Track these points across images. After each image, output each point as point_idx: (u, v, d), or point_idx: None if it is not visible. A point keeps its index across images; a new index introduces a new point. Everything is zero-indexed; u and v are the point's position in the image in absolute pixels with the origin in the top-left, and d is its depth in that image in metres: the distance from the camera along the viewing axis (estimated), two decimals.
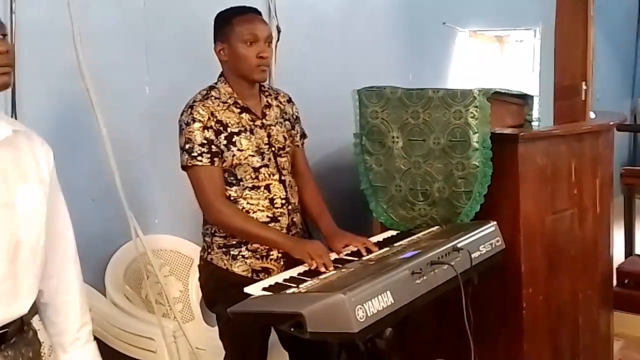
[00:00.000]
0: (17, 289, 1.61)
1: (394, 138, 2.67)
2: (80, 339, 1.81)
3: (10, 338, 1.63)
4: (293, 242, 2.30)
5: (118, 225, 2.87)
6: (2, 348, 1.61)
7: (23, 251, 1.61)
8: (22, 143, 1.66)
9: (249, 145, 2.30)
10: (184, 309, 3.11)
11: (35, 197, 1.65)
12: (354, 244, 2.37)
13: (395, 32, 4.42)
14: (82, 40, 2.69)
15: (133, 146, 3.01)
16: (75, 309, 1.80)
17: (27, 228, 1.62)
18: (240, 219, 2.29)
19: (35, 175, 1.67)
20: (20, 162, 1.64)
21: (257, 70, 2.29)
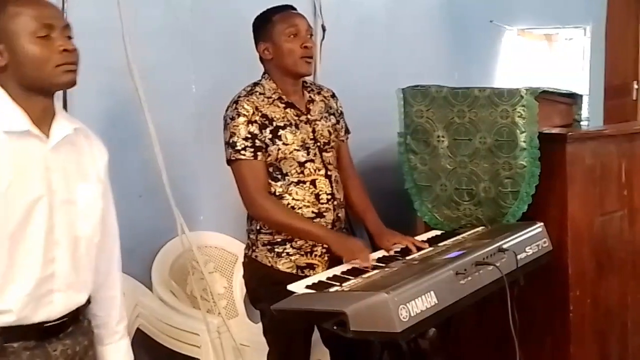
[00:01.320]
0: (76, 281, 1.69)
1: (439, 137, 2.65)
2: (118, 333, 1.87)
3: (67, 327, 1.69)
4: (335, 236, 2.30)
5: (164, 221, 2.91)
6: (61, 337, 1.68)
7: (81, 246, 1.69)
8: (82, 141, 1.72)
9: (294, 139, 2.31)
10: (228, 305, 3.14)
11: (93, 195, 1.71)
12: (403, 242, 2.36)
13: (441, 31, 4.38)
14: (130, 39, 2.74)
15: (179, 143, 3.05)
16: (117, 304, 1.87)
17: (85, 225, 1.69)
18: (281, 213, 2.30)
19: (93, 173, 1.73)
20: (80, 161, 1.70)
21: (302, 62, 2.31)
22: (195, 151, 3.12)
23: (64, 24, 1.60)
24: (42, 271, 1.61)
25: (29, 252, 1.58)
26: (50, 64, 1.56)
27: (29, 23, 1.55)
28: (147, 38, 2.85)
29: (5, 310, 1.58)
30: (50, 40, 1.56)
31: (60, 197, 1.63)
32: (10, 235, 1.55)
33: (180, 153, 3.05)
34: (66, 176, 1.64)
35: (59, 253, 1.63)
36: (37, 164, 1.59)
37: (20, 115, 1.57)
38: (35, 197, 1.57)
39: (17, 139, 1.56)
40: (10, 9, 1.55)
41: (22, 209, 1.56)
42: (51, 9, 1.61)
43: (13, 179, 1.54)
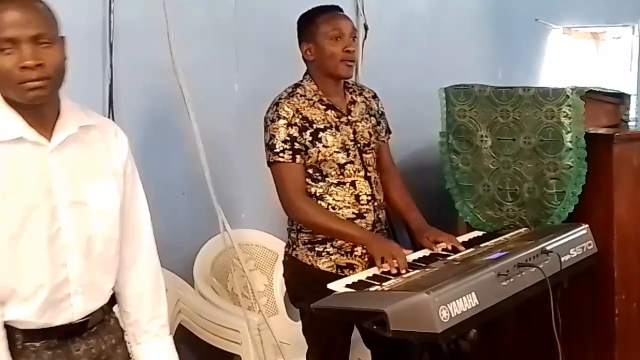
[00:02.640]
0: (94, 282, 1.65)
1: (482, 137, 2.62)
2: (150, 331, 1.79)
3: (91, 327, 1.67)
4: (372, 238, 2.30)
5: (207, 219, 2.94)
6: (85, 336, 1.66)
7: (97, 246, 1.63)
8: (93, 138, 1.65)
9: (335, 141, 2.31)
10: (268, 303, 3.16)
11: (107, 193, 1.65)
12: (441, 239, 2.35)
13: (485, 29, 4.33)
14: (175, 39, 2.77)
15: (222, 142, 3.08)
16: (146, 301, 1.78)
17: (100, 223, 1.63)
18: (319, 214, 2.30)
19: (108, 170, 1.66)
20: (91, 159, 1.63)
21: (344, 65, 2.31)
22: (238, 149, 3.14)
23: (33, 33, 1.46)
24: (53, 277, 1.57)
25: (32, 259, 1.55)
26: (12, 81, 1.46)
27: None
28: (191, 38, 2.88)
29: (23, 319, 1.57)
30: (14, 55, 1.45)
31: (66, 200, 1.57)
32: (9, 244, 1.51)
33: (223, 151, 3.08)
34: (74, 177, 1.59)
35: (70, 257, 1.59)
36: (37, 169, 1.54)
37: (13, 121, 1.51)
38: (31, 204, 1.53)
39: (12, 146, 1.51)
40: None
41: (18, 216, 1.51)
42: (21, 16, 1.46)
43: (8, 186, 1.50)
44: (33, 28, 1.47)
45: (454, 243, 2.33)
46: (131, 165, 1.73)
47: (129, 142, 1.74)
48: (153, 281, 1.80)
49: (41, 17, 1.49)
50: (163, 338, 1.82)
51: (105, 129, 1.69)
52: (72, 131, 1.58)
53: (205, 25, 3.02)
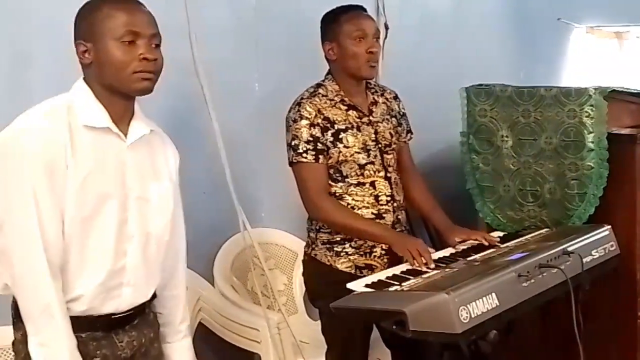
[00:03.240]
0: (145, 276, 1.74)
1: (503, 137, 2.61)
2: (181, 332, 1.90)
3: (133, 319, 1.75)
4: (396, 236, 2.30)
5: (227, 217, 2.95)
6: (127, 329, 1.73)
7: (151, 243, 1.73)
8: (157, 142, 1.78)
9: (356, 142, 2.31)
10: (287, 302, 3.16)
11: (165, 194, 1.77)
12: (473, 237, 2.34)
13: (507, 28, 4.30)
14: (196, 38, 2.79)
15: (242, 141, 3.09)
16: (180, 304, 1.90)
17: (157, 222, 1.74)
18: (342, 214, 2.30)
19: (166, 173, 1.78)
20: (155, 160, 1.75)
21: (366, 66, 2.30)
22: (258, 149, 3.15)
23: (152, 32, 1.63)
24: (114, 263, 1.65)
25: (100, 242, 1.63)
26: (129, 69, 1.59)
27: (118, 28, 1.58)
28: (212, 37, 2.90)
29: (77, 297, 1.63)
30: (134, 47, 1.60)
31: (134, 194, 1.68)
32: (83, 221, 1.59)
33: (243, 151, 3.09)
34: (141, 174, 1.69)
35: (131, 247, 1.68)
36: (113, 160, 1.64)
37: (101, 112, 1.62)
38: (109, 190, 1.63)
39: (97, 134, 1.61)
40: (104, 10, 1.59)
41: (96, 198, 1.60)
42: (143, 16, 1.64)
43: (92, 170, 1.59)
44: (153, 28, 1.64)
45: (487, 238, 2.33)
46: (177, 180, 1.85)
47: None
48: (185, 286, 1.93)
49: (155, 22, 1.66)
50: (189, 337, 1.94)
51: (164, 138, 1.83)
52: (146, 132, 1.71)
53: (226, 25, 3.03)
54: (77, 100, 1.62)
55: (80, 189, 1.58)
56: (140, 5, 1.65)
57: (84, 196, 1.58)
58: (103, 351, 1.69)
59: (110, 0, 1.61)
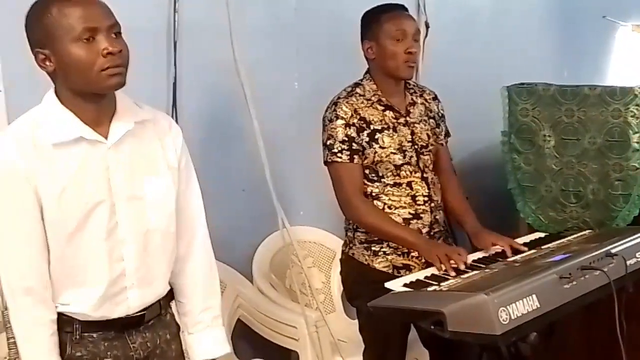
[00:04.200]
0: (150, 275, 1.67)
1: (545, 137, 2.58)
2: (202, 322, 1.80)
3: (147, 321, 1.70)
4: (425, 243, 2.27)
5: (266, 215, 2.97)
6: (141, 330, 1.69)
7: (154, 239, 1.66)
8: (148, 132, 1.66)
9: (391, 142, 2.30)
10: (325, 301, 3.17)
11: (162, 187, 1.67)
12: (500, 243, 2.31)
13: (550, 26, 4.24)
14: (237, 37, 2.81)
15: (282, 140, 3.11)
16: (198, 292, 1.79)
17: (157, 217, 1.66)
18: (375, 216, 2.29)
19: (162, 163, 1.68)
20: (147, 153, 1.65)
21: (405, 66, 2.28)
22: (297, 147, 3.17)
23: (110, 23, 1.52)
24: (110, 272, 1.60)
25: (91, 254, 1.58)
26: (95, 68, 1.50)
27: (73, 27, 1.48)
28: (252, 36, 2.92)
29: (81, 312, 1.61)
30: (94, 43, 1.49)
31: (124, 195, 1.60)
32: (68, 238, 1.55)
33: (283, 149, 3.10)
34: (131, 171, 1.61)
35: (126, 251, 1.62)
36: (93, 167, 1.57)
37: (71, 122, 1.55)
38: (96, 201, 1.56)
39: (70, 146, 1.54)
40: (54, 11, 1.49)
41: (80, 212, 1.55)
42: (96, 8, 1.52)
43: (67, 185, 1.53)
44: (109, 18, 1.52)
45: (514, 245, 2.29)
46: (185, 159, 1.74)
47: (192, 140, 1.78)
48: (206, 273, 1.82)
49: (109, 10, 1.54)
50: (215, 328, 1.82)
51: (160, 123, 1.71)
52: (129, 127, 1.60)
53: (267, 24, 3.05)
54: (45, 116, 1.55)
55: (57, 207, 1.53)
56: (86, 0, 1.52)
57: (62, 213, 1.54)
58: (114, 352, 1.65)
59: (56, 1, 1.50)
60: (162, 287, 1.73)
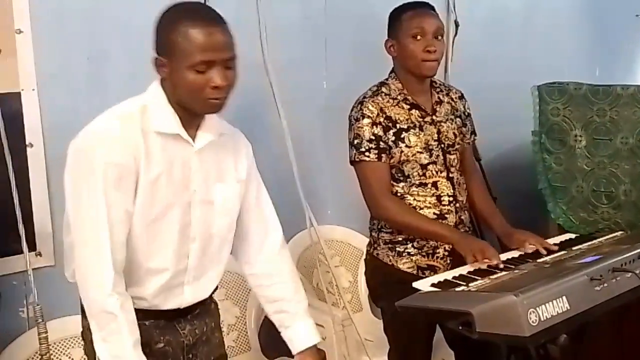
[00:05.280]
0: (205, 276, 1.79)
1: (577, 137, 2.55)
2: (298, 313, 1.93)
3: (195, 309, 1.81)
4: (460, 236, 2.25)
5: (294, 214, 2.98)
6: (189, 318, 1.80)
7: (214, 243, 1.78)
8: (227, 144, 1.80)
9: (418, 141, 2.29)
10: (352, 300, 3.17)
11: (230, 195, 1.79)
12: (532, 241, 2.28)
13: (582, 25, 4.19)
14: (267, 36, 2.82)
15: (310, 138, 3.11)
16: (289, 290, 1.93)
17: (220, 223, 1.78)
18: (406, 214, 2.28)
19: (233, 174, 1.80)
20: (221, 163, 1.77)
21: (424, 64, 2.26)
22: (325, 146, 3.17)
23: (227, 56, 1.60)
24: (176, 264, 1.71)
25: (164, 245, 1.68)
26: (202, 95, 1.60)
27: (192, 55, 1.55)
28: (282, 36, 2.93)
29: (141, 297, 1.69)
30: (208, 74, 1.58)
31: (199, 197, 1.71)
32: (149, 224, 1.64)
33: (311, 148, 3.11)
34: (206, 177, 1.72)
35: (193, 248, 1.73)
36: (180, 164, 1.67)
37: (172, 118, 1.64)
38: (174, 195, 1.66)
39: (167, 139, 1.64)
40: (181, 30, 1.56)
41: (162, 203, 1.64)
42: (219, 38, 1.59)
43: (161, 173, 1.63)
44: (228, 51, 1.61)
45: (545, 244, 2.27)
46: (254, 170, 1.90)
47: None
48: (292, 271, 1.97)
49: (232, 42, 1.63)
50: (307, 320, 1.96)
51: (236, 137, 1.85)
52: (214, 138, 1.72)
53: (296, 24, 3.06)
54: (151, 104, 1.65)
55: (149, 194, 1.62)
56: (216, 24, 1.61)
57: (151, 201, 1.62)
58: (167, 337, 1.75)
59: (187, 17, 1.58)
60: (212, 287, 1.85)
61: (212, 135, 1.72)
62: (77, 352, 2.35)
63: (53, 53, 2.44)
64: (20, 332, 2.39)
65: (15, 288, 2.40)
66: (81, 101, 2.45)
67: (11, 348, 2.33)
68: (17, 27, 2.34)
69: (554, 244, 2.35)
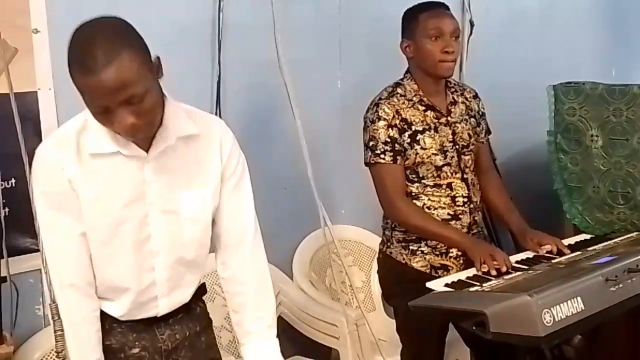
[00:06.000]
0: (182, 283, 1.70)
1: (593, 137, 2.53)
2: (253, 332, 1.76)
3: (177, 314, 1.72)
4: (471, 242, 2.24)
5: (307, 213, 2.98)
6: (170, 323, 1.72)
7: (189, 250, 1.66)
8: (191, 146, 1.61)
9: (433, 143, 2.28)
10: (366, 299, 3.17)
11: (200, 201, 1.64)
12: (546, 241, 2.27)
13: (598, 24, 4.16)
14: (281, 36, 2.83)
15: (324, 138, 3.12)
16: (249, 302, 1.75)
17: (192, 230, 1.65)
18: (419, 217, 2.27)
19: (202, 178, 1.64)
20: (186, 167, 1.61)
21: (441, 65, 2.25)
22: (339, 146, 3.17)
23: (125, 96, 1.39)
24: (138, 282, 1.63)
25: (121, 263, 1.61)
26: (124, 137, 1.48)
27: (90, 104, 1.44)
28: (296, 35, 2.93)
29: (111, 313, 1.67)
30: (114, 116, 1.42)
31: (158, 208, 1.59)
32: (101, 244, 1.58)
33: (325, 147, 3.11)
34: (168, 185, 1.59)
35: (157, 261, 1.63)
36: (128, 179, 1.56)
37: (110, 137, 1.51)
38: (122, 213, 1.56)
39: (107, 157, 1.54)
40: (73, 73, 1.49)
41: (109, 221, 1.56)
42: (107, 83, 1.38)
43: (101, 193, 1.54)
44: (123, 92, 1.39)
45: (559, 245, 2.26)
46: (234, 167, 1.68)
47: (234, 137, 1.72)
48: (259, 284, 1.77)
49: (131, 79, 1.39)
50: (266, 342, 1.77)
51: (208, 136, 1.64)
52: (170, 143, 1.56)
53: (311, 23, 3.07)
54: (90, 122, 1.52)
55: (91, 216, 1.55)
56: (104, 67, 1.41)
57: (95, 220, 1.56)
58: (142, 342, 1.69)
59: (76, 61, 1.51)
60: (192, 292, 1.74)
61: (167, 142, 1.55)
62: None
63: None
64: (37, 329, 2.41)
65: (31, 286, 2.42)
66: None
67: (27, 345, 2.36)
68: (34, 27, 2.36)
69: (569, 244, 2.34)
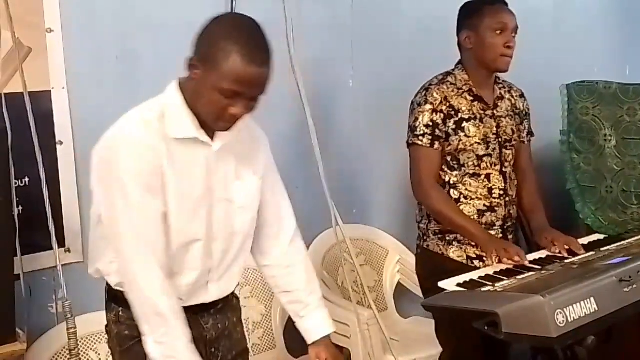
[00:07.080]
0: (229, 273, 1.79)
1: (606, 136, 2.52)
2: (311, 304, 1.91)
3: (218, 304, 1.82)
4: (488, 237, 2.26)
5: (319, 212, 2.98)
6: (212, 312, 1.81)
7: (236, 241, 1.78)
8: (245, 141, 1.76)
9: (477, 132, 2.32)
10: (377, 299, 3.17)
11: (249, 191, 1.77)
12: (557, 241, 2.27)
13: (612, 23, 4.13)
14: (294, 34, 2.83)
15: (335, 137, 3.12)
16: (300, 280, 1.92)
17: (242, 220, 1.77)
18: (444, 204, 2.31)
19: (250, 171, 1.77)
20: (239, 161, 1.74)
21: (502, 59, 2.30)
22: (351, 144, 3.17)
23: (258, 93, 1.59)
24: (202, 264, 1.72)
25: (194, 246, 1.68)
26: (217, 116, 1.58)
27: (225, 80, 1.54)
28: (309, 34, 2.94)
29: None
30: (232, 100, 1.56)
31: (218, 196, 1.70)
32: (181, 229, 1.64)
33: (336, 146, 3.11)
34: (225, 176, 1.71)
35: (215, 248, 1.73)
36: (201, 166, 1.66)
37: (189, 122, 1.62)
38: (199, 196, 1.66)
39: (187, 143, 1.63)
40: (228, 49, 1.53)
41: (190, 204, 1.65)
42: (256, 77, 1.57)
43: (184, 176, 1.63)
44: (259, 89, 1.60)
45: (574, 246, 2.25)
46: (271, 163, 1.88)
47: None
48: (306, 261, 1.96)
49: (268, 80, 1.60)
50: (321, 310, 1.93)
51: (253, 133, 1.82)
52: (231, 138, 1.68)
53: (323, 22, 3.06)
54: (169, 109, 1.63)
55: (176, 198, 1.62)
56: (261, 64, 1.59)
57: (179, 205, 1.63)
58: (191, 332, 1.72)
59: (239, 42, 1.56)
60: (236, 282, 1.86)
61: (230, 133, 1.68)
62: (104, 347, 2.38)
63: (83, 52, 2.47)
64: (50, 327, 2.43)
65: (45, 284, 2.44)
66: (111, 99, 2.47)
67: (40, 342, 2.37)
68: (48, 26, 2.37)
69: (582, 244, 2.32)
